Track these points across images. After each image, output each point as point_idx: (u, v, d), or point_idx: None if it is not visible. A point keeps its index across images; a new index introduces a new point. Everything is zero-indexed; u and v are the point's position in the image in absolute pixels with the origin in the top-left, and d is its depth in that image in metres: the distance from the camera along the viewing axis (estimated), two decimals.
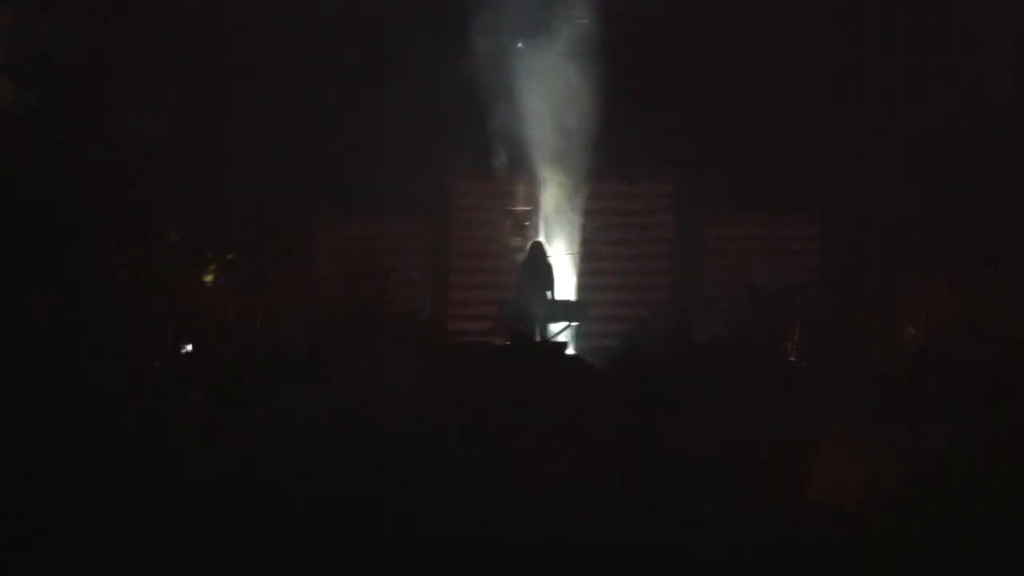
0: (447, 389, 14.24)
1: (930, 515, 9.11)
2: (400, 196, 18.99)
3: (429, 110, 17.75)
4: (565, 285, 19.73)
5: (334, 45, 18.31)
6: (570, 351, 18.41)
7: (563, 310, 19.35)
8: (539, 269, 19.13)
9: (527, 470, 11.66)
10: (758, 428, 12.30)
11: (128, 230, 14.97)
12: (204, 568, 9.33)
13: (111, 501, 10.02)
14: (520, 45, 19.04)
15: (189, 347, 16.03)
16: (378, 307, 18.01)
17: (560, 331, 18.83)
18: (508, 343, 17.31)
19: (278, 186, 18.09)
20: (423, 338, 17.62)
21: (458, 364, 15.69)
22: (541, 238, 19.68)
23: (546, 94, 19.04)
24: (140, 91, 15.60)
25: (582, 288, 19.86)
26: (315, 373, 13.81)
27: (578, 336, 18.91)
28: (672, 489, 10.67)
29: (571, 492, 10.99)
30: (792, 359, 15.32)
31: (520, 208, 19.91)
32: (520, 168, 19.37)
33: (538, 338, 18.30)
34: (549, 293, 19.06)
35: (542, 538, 9.52)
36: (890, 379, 12.49)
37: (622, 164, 18.88)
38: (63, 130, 14.44)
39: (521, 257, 19.40)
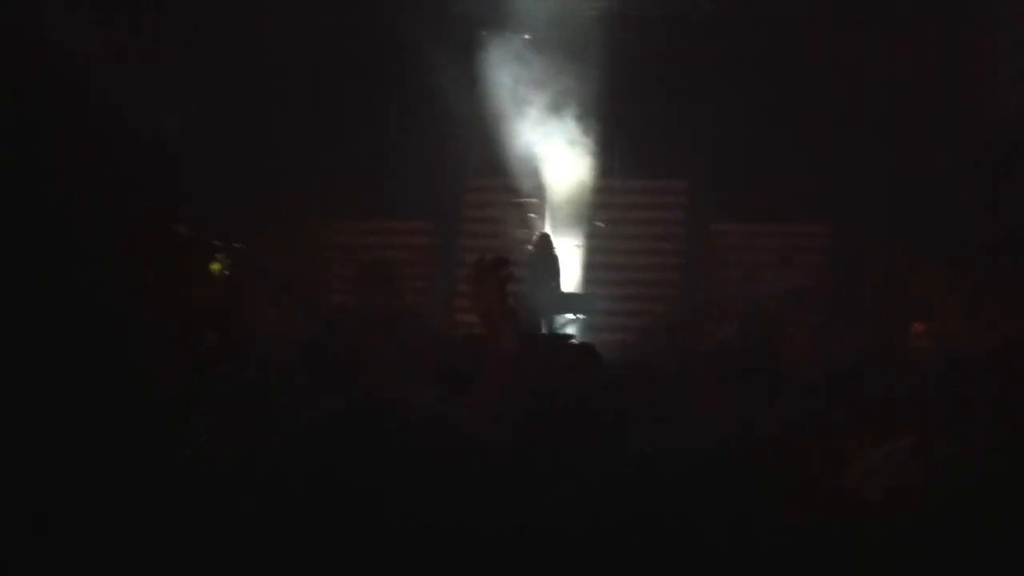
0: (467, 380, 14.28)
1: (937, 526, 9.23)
2: (410, 196, 19.09)
3: (437, 108, 17.82)
4: (572, 278, 19.83)
5: (342, 43, 18.37)
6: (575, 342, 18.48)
7: (570, 303, 19.42)
8: (546, 262, 19.20)
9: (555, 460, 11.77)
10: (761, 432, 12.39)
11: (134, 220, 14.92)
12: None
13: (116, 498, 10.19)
14: (527, 37, 19.08)
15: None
16: (387, 304, 18.07)
17: (567, 323, 18.93)
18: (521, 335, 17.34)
19: (287, 186, 18.16)
20: (432, 333, 17.68)
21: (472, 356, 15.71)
22: (548, 230, 19.78)
23: (555, 89, 19.11)
24: (151, 87, 15.61)
25: (589, 282, 19.99)
26: (328, 369, 13.84)
27: (585, 330, 19.01)
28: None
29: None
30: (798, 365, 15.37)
31: (527, 200, 20.00)
32: (530, 162, 19.44)
33: (545, 330, 18.37)
34: (556, 286, 19.13)
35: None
36: (906, 386, 12.52)
37: (631, 160, 18.98)
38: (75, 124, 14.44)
39: (529, 250, 19.49)
